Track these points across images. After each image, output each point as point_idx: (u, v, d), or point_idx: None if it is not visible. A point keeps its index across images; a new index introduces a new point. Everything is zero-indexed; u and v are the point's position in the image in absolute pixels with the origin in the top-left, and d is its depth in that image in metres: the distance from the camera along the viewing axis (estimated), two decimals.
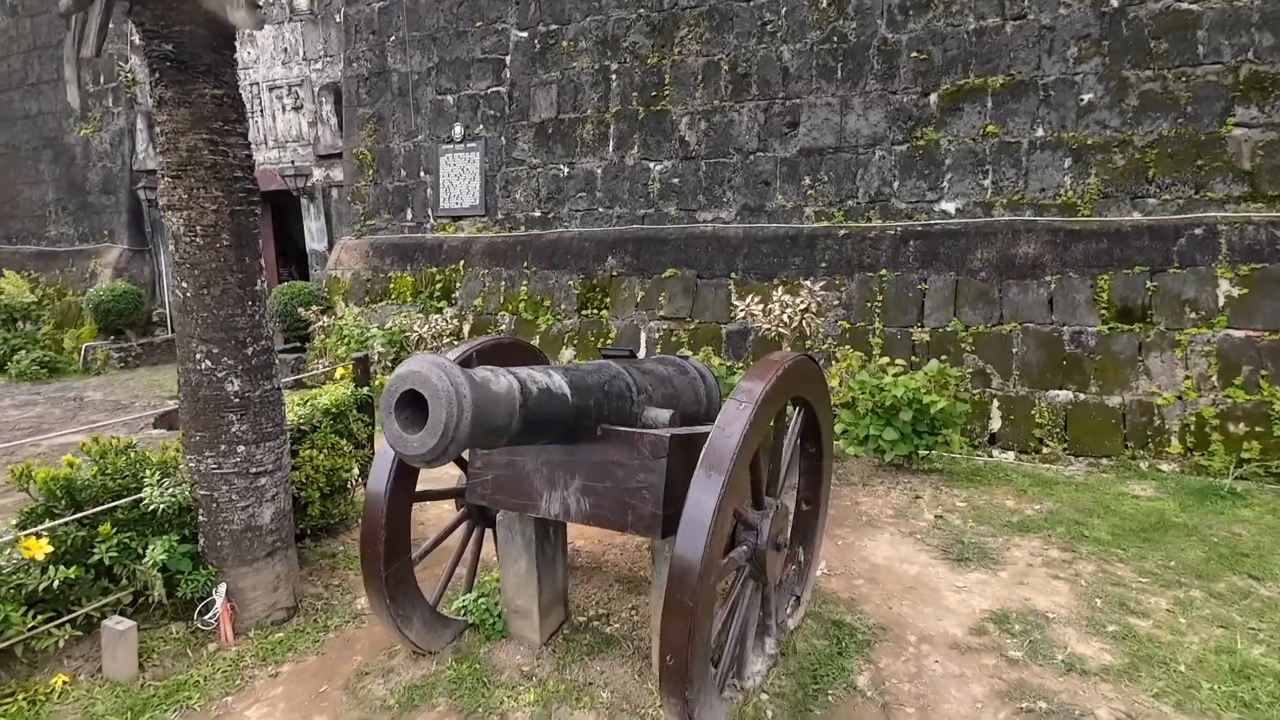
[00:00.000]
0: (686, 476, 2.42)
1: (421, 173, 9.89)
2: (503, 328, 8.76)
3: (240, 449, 3.43)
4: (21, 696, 3.04)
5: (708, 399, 3.73)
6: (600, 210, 8.66)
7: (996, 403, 6.35)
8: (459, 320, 8.96)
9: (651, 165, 8.33)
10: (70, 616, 3.24)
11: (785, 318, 6.13)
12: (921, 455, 5.61)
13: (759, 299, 6.43)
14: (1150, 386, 5.92)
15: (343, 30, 10.36)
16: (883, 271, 7.04)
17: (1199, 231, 6.03)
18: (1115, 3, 6.36)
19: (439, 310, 9.15)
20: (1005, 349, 6.43)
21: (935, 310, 6.76)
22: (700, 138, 8.05)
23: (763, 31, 7.70)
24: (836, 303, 7.02)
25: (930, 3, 7.00)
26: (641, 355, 7.17)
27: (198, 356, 3.34)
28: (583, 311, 8.37)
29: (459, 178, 9.52)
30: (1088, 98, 6.50)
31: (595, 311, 8.30)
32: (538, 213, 9.08)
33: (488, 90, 9.29)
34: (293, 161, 11.16)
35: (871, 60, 7.26)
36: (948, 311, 6.71)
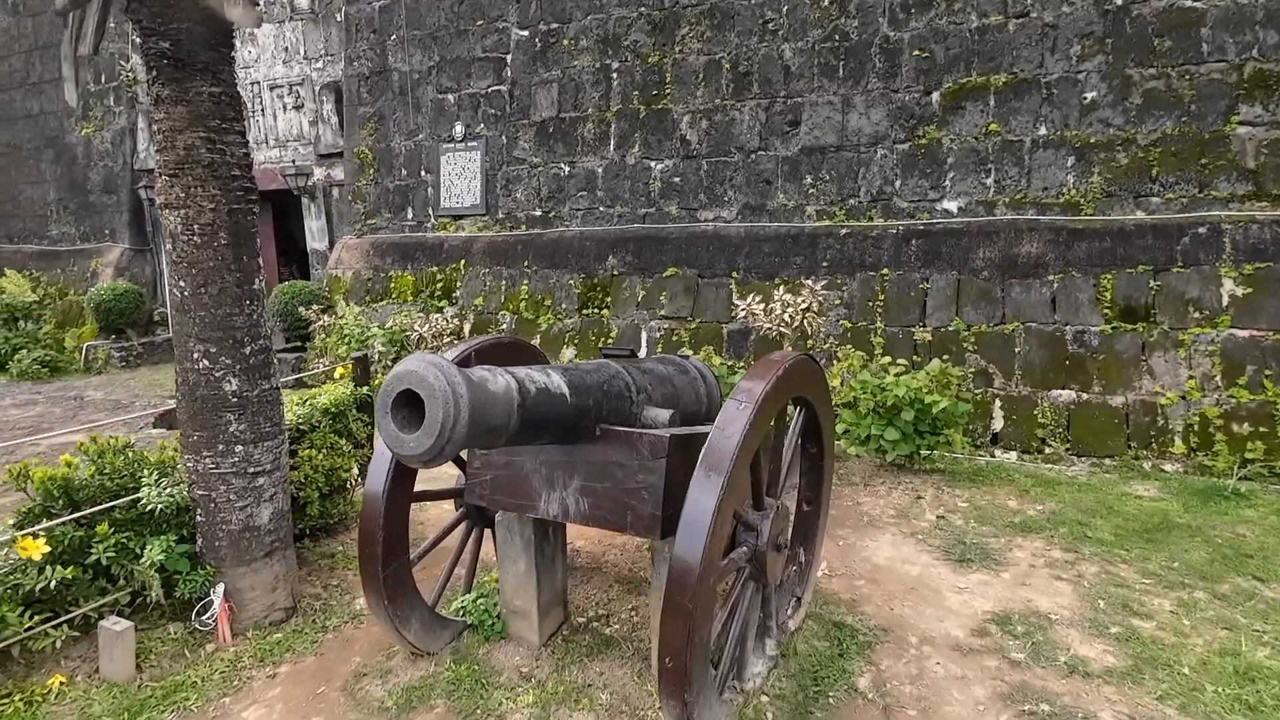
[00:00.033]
0: (686, 477, 2.40)
1: (422, 172, 9.87)
2: (504, 327, 8.75)
3: (238, 449, 3.41)
4: (18, 697, 3.03)
5: (708, 399, 3.70)
6: (601, 209, 8.63)
7: (999, 402, 6.32)
8: (460, 320, 8.94)
9: (652, 164, 8.30)
10: (67, 617, 3.23)
11: (786, 317, 6.11)
12: (923, 455, 5.58)
13: (760, 298, 6.41)
14: (1154, 386, 5.89)
15: (343, 29, 10.35)
16: (884, 271, 7.02)
17: (1203, 230, 6.00)
18: (1119, 0, 6.33)
19: (440, 309, 9.13)
20: (1008, 348, 6.40)
21: (937, 310, 6.74)
22: (701, 136, 8.03)
23: (764, 30, 7.67)
24: (838, 302, 6.99)
25: (932, 0, 6.97)
26: (643, 355, 7.15)
27: (195, 356, 3.33)
28: (584, 311, 8.35)
29: (460, 177, 9.50)
30: (1091, 96, 6.46)
31: (596, 311, 8.28)
32: (539, 212, 9.06)
33: (489, 89, 9.27)
34: (294, 160, 11.16)
35: (873, 58, 7.23)
36: (950, 311, 6.69)
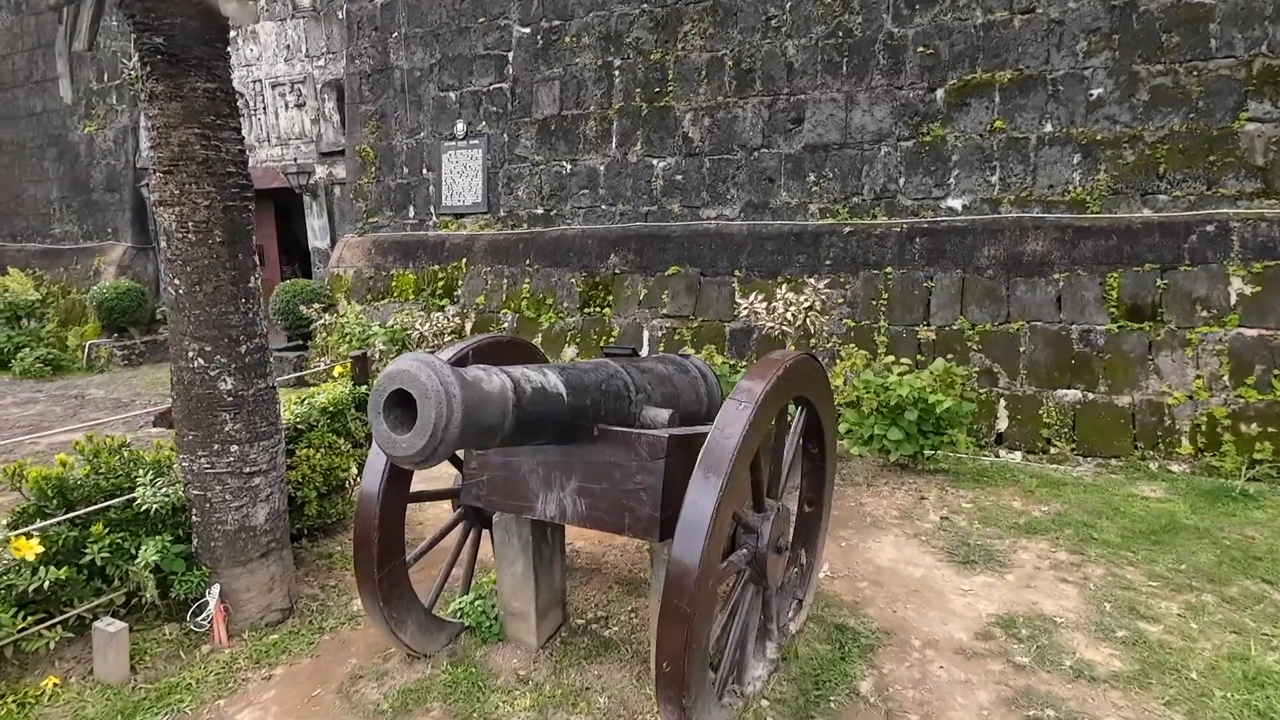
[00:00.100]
0: (685, 478, 2.36)
1: (424, 170, 9.84)
2: (505, 326, 8.71)
3: (234, 448, 3.38)
4: (11, 699, 3.00)
5: (709, 398, 3.66)
6: (603, 207, 8.59)
7: (1003, 402, 6.26)
8: (461, 318, 8.91)
9: (655, 162, 8.26)
10: (62, 618, 3.20)
11: (789, 316, 6.06)
12: (927, 455, 5.53)
13: (763, 297, 6.36)
14: (1160, 386, 5.83)
15: (345, 26, 10.32)
16: (888, 269, 6.96)
17: (1210, 228, 5.93)
18: None
19: (441, 308, 9.10)
20: (1012, 348, 6.34)
21: (941, 308, 6.68)
22: (704, 134, 7.98)
23: (767, 26, 7.62)
24: (841, 301, 6.93)
25: None
26: (644, 353, 7.11)
27: (190, 354, 3.29)
28: (585, 309, 8.31)
29: (461, 175, 9.47)
30: (1097, 93, 6.40)
31: (598, 309, 8.24)
32: (540, 210, 9.02)
33: (490, 87, 9.23)
34: (295, 159, 11.14)
35: (877, 55, 7.18)
36: (954, 310, 6.63)
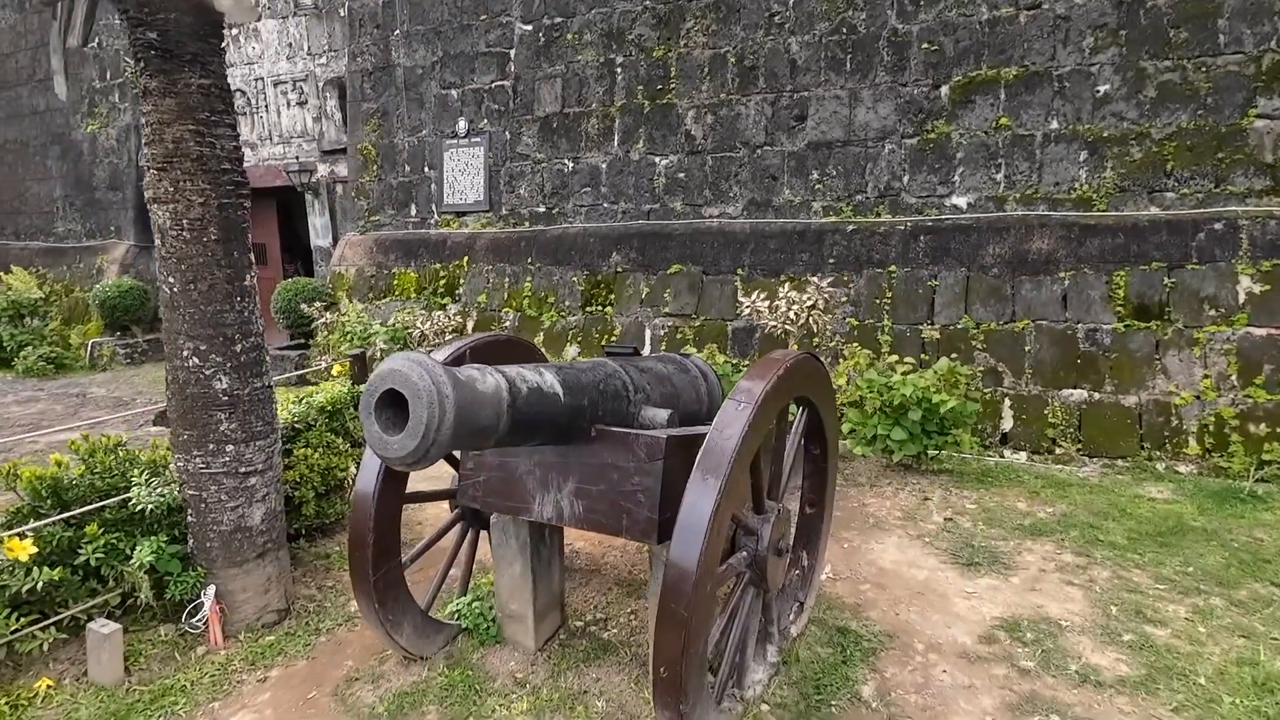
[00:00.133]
0: (684, 479, 2.32)
1: (425, 168, 9.81)
2: (507, 324, 8.68)
3: (229, 448, 3.35)
4: (4, 701, 2.97)
5: (709, 398, 3.61)
6: (605, 205, 8.55)
7: (1008, 402, 6.21)
8: (462, 317, 8.88)
9: (657, 160, 8.21)
10: (56, 619, 3.18)
11: (792, 315, 6.02)
12: (931, 455, 5.48)
13: (765, 296, 6.32)
14: (1167, 386, 5.76)
15: (347, 24, 10.29)
16: (892, 267, 6.90)
17: (1219, 226, 5.86)
18: None
19: (443, 307, 9.07)
20: (1018, 347, 6.28)
21: (946, 307, 6.62)
22: (706, 131, 7.93)
23: (770, 23, 7.56)
24: (844, 299, 6.88)
25: None
26: (646, 353, 7.07)
27: (185, 354, 3.26)
28: (587, 308, 8.27)
29: (463, 173, 9.43)
30: (1104, 89, 6.33)
31: (600, 308, 8.20)
32: (542, 208, 8.98)
33: (492, 84, 9.19)
34: (297, 157, 11.12)
35: (881, 52, 7.11)
36: (958, 308, 6.57)
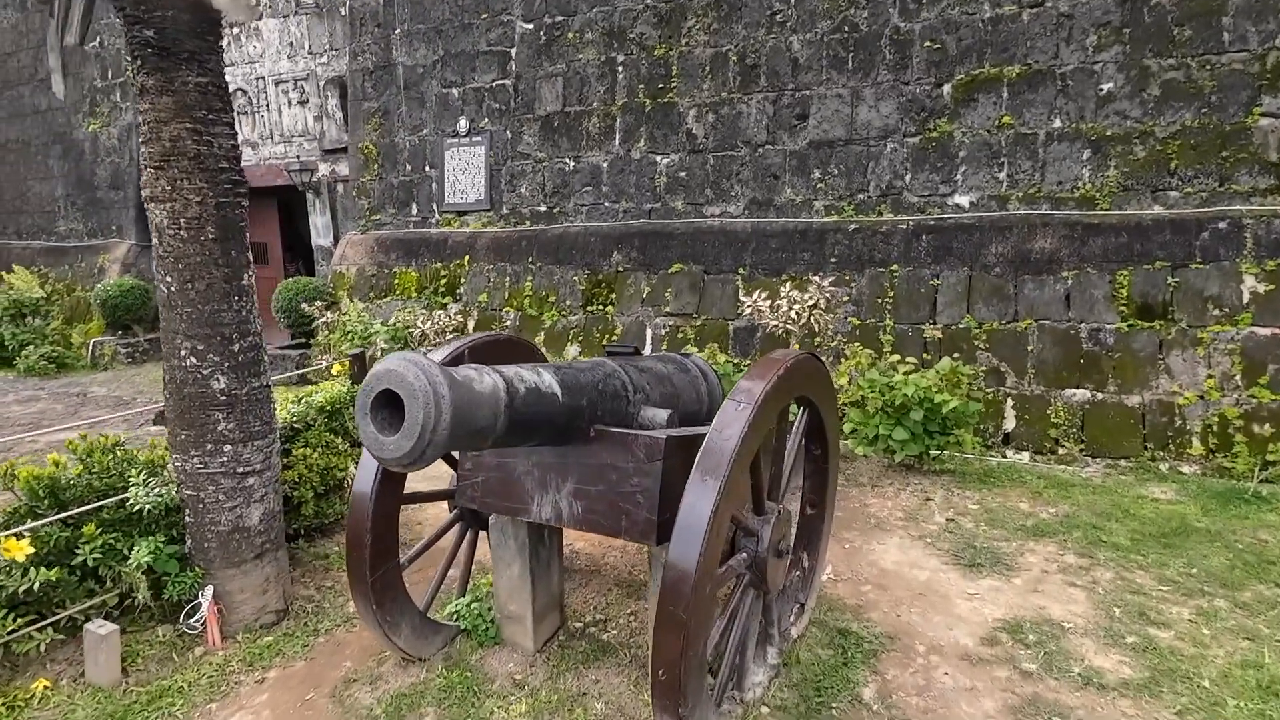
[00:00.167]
0: (683, 480, 2.30)
1: (426, 167, 9.79)
2: (508, 324, 8.66)
3: (227, 448, 3.33)
4: (1, 702, 2.96)
5: (709, 398, 3.59)
6: (606, 205, 8.52)
7: (1011, 402, 6.18)
8: (463, 316, 8.86)
9: (658, 159, 8.18)
10: (53, 619, 3.17)
11: (793, 314, 5.99)
12: (933, 456, 5.45)
13: (767, 295, 6.30)
14: (1171, 386, 5.73)
15: (348, 23, 10.28)
16: (894, 267, 6.88)
17: (1223, 225, 5.83)
18: None
19: (443, 306, 9.05)
20: (1020, 346, 6.25)
21: (948, 307, 6.59)
22: (708, 130, 7.90)
23: (772, 21, 7.53)
24: (846, 299, 6.86)
25: None
26: (647, 352, 7.05)
27: (182, 353, 3.25)
28: (588, 307, 8.25)
29: (464, 172, 9.41)
30: (1107, 87, 6.29)
31: (601, 307, 8.17)
32: (543, 207, 8.96)
33: (493, 83, 9.17)
34: (299, 156, 11.11)
35: (883, 50, 7.08)
36: (961, 308, 6.54)
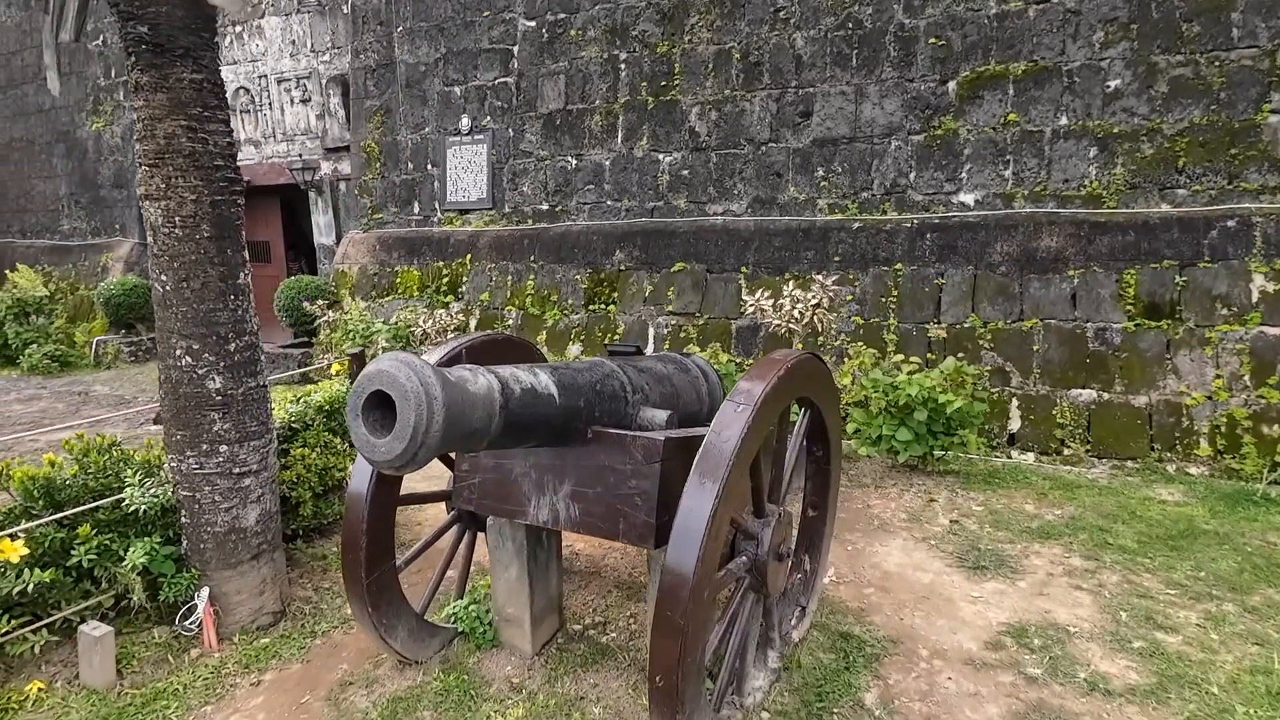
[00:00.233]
0: (682, 482, 2.26)
1: (429, 165, 9.76)
2: (509, 323, 8.63)
3: (223, 449, 3.31)
4: None
5: (710, 398, 3.55)
6: (608, 203, 8.48)
7: (1016, 402, 6.12)
8: (465, 315, 8.84)
9: (661, 157, 8.14)
10: (47, 621, 3.14)
11: (796, 313, 5.94)
12: (937, 456, 5.40)
13: (769, 294, 6.25)
14: (1178, 386, 5.66)
15: (350, 21, 10.25)
16: (898, 265, 6.82)
17: (1231, 224, 5.76)
18: None
19: (445, 305, 9.03)
20: (1025, 346, 6.19)
21: (952, 306, 6.53)
22: (711, 128, 7.85)
23: (775, 18, 7.48)
24: (850, 298, 6.81)
25: None
26: (649, 351, 7.00)
27: (178, 353, 3.22)
28: (590, 306, 8.21)
29: (466, 170, 9.38)
30: (1114, 84, 6.22)
31: (603, 306, 8.14)
32: (545, 205, 8.92)
33: (495, 81, 9.13)
34: (301, 154, 11.09)
35: (888, 47, 7.02)
36: (965, 307, 6.48)
